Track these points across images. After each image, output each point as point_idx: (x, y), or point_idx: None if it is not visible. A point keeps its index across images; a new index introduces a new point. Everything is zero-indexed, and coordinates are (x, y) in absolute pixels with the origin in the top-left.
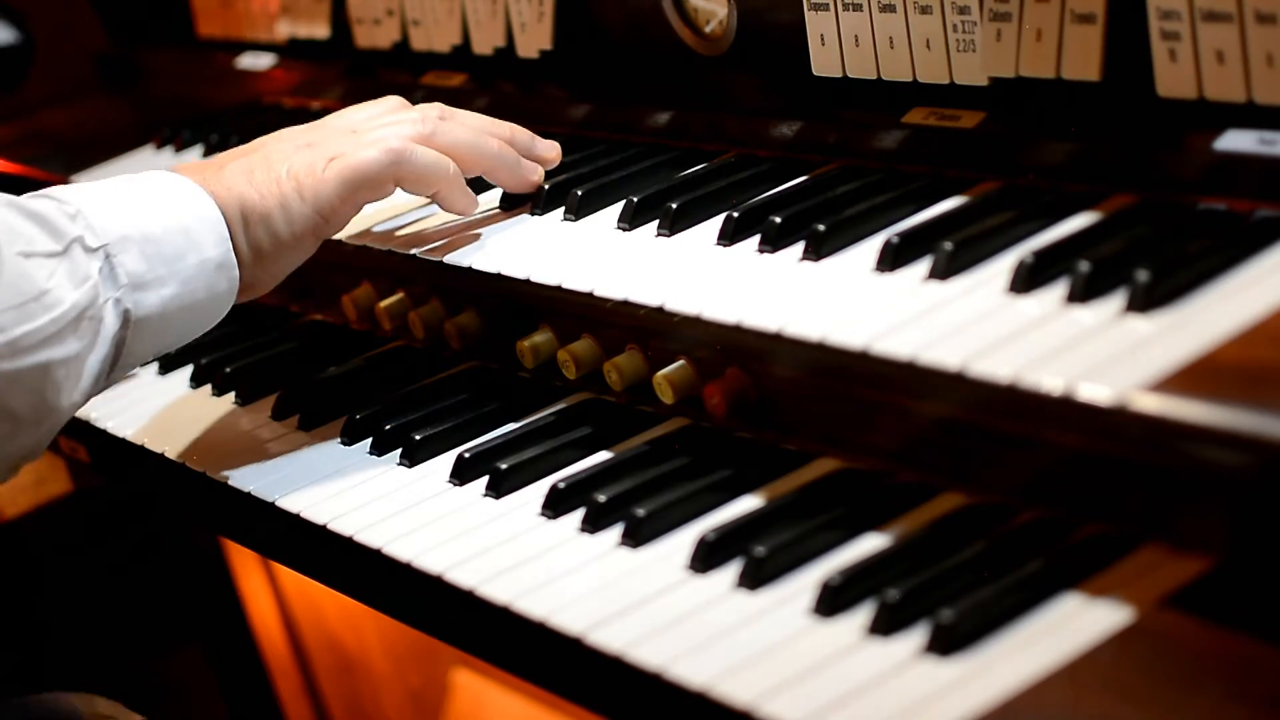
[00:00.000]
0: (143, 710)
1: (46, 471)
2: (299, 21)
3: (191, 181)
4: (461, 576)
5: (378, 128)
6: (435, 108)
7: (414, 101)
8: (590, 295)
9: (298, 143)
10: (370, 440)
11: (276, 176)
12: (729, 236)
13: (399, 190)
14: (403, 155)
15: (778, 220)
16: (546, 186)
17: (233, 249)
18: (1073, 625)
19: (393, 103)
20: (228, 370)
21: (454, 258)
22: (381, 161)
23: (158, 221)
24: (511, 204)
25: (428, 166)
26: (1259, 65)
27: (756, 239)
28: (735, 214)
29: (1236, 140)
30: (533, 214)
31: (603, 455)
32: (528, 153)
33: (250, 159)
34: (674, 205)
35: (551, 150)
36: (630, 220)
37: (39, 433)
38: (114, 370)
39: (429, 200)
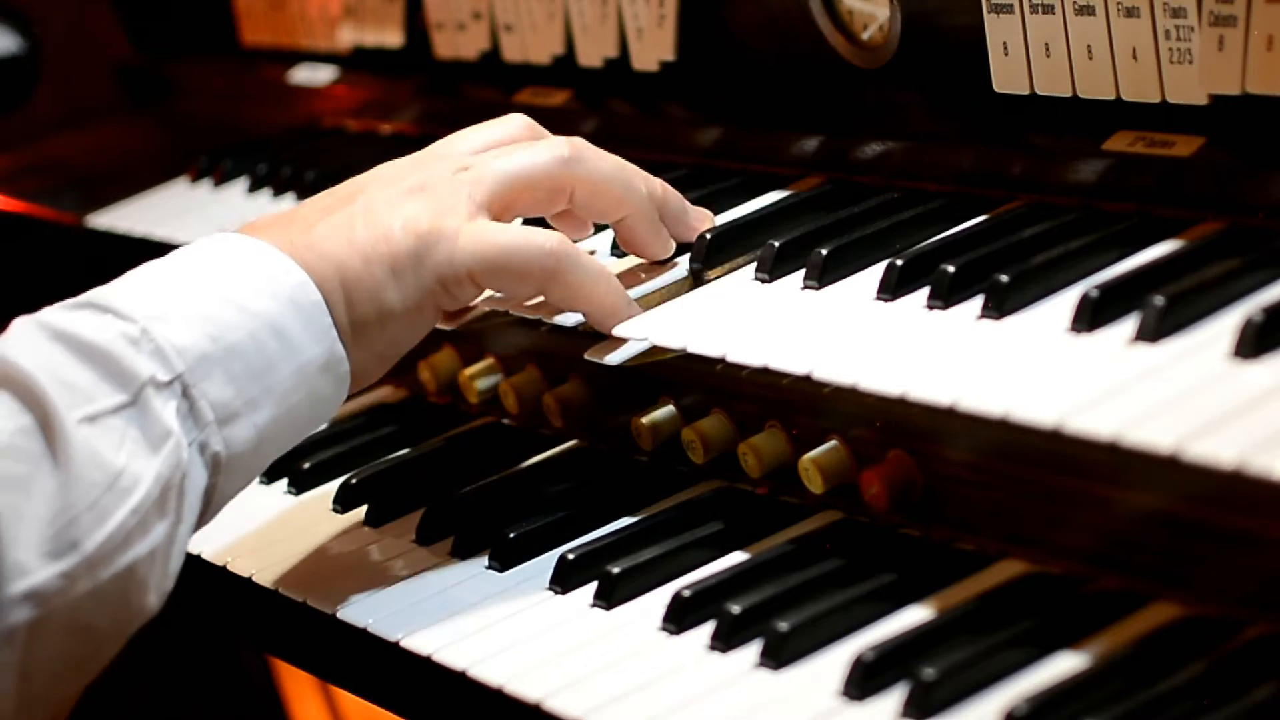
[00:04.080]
0: None
1: None
2: (365, 27)
3: (277, 251)
4: (564, 705)
5: (503, 157)
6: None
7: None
8: (721, 361)
9: (407, 185)
10: (452, 539)
11: (386, 233)
12: (891, 289)
13: None
14: (563, 261)
15: (950, 270)
16: None
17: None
18: None
19: (517, 123)
20: None
21: (555, 315)
22: (535, 261)
23: (241, 323)
24: (624, 251)
25: (582, 282)
26: None
27: (925, 292)
28: (899, 262)
29: None
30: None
31: (737, 556)
32: (678, 220)
33: (349, 211)
34: (824, 252)
35: (704, 220)
36: (770, 270)
37: (120, 643)
38: (202, 523)
39: None
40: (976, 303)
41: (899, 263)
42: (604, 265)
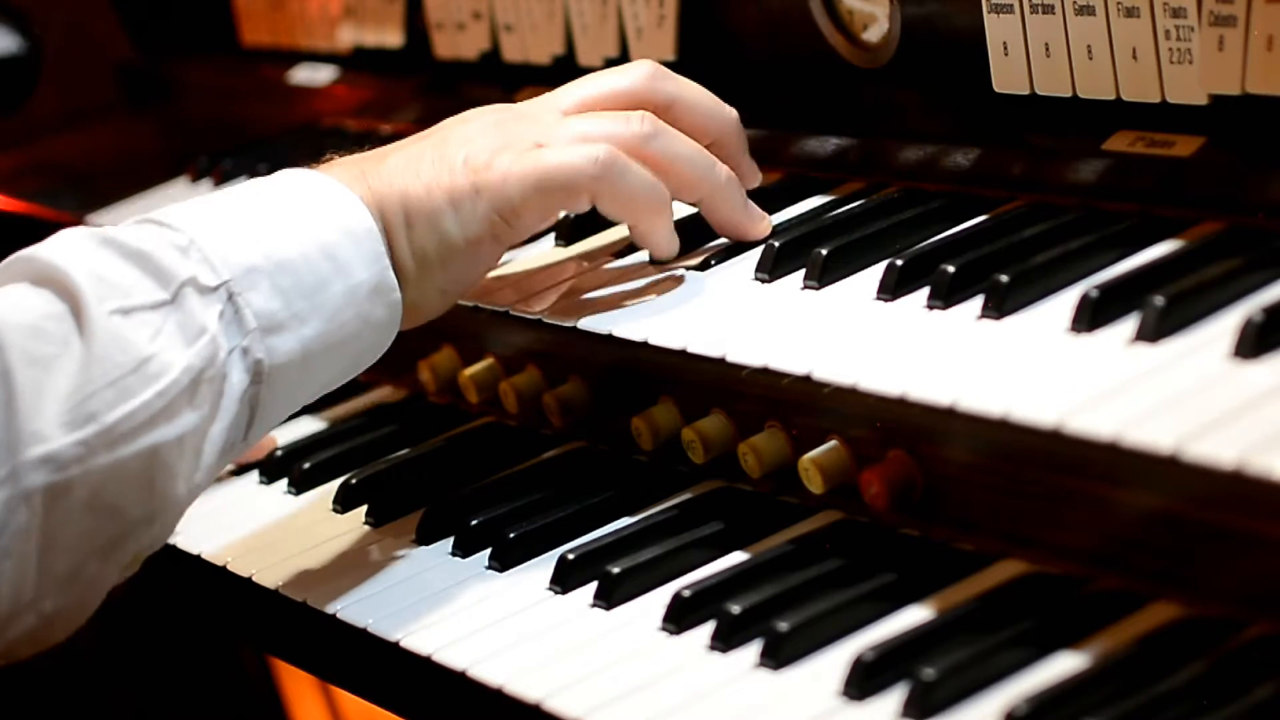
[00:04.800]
0: None
1: None
2: (365, 27)
3: (333, 181)
4: (564, 705)
5: (585, 121)
6: (660, 82)
7: None
8: (721, 361)
9: (484, 123)
10: (452, 539)
11: (450, 166)
12: (891, 289)
13: None
14: (611, 170)
15: (950, 270)
16: None
17: (392, 263)
18: None
19: (634, 76)
20: (279, 453)
21: (556, 315)
22: (584, 171)
23: (292, 243)
24: (626, 250)
25: (638, 190)
26: None
27: (925, 292)
28: (899, 262)
29: None
30: (652, 261)
31: (737, 556)
32: (740, 156)
33: (422, 144)
34: (824, 252)
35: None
36: (771, 270)
37: (154, 530)
38: (249, 434)
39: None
40: (976, 303)
41: (899, 263)
42: (662, 188)
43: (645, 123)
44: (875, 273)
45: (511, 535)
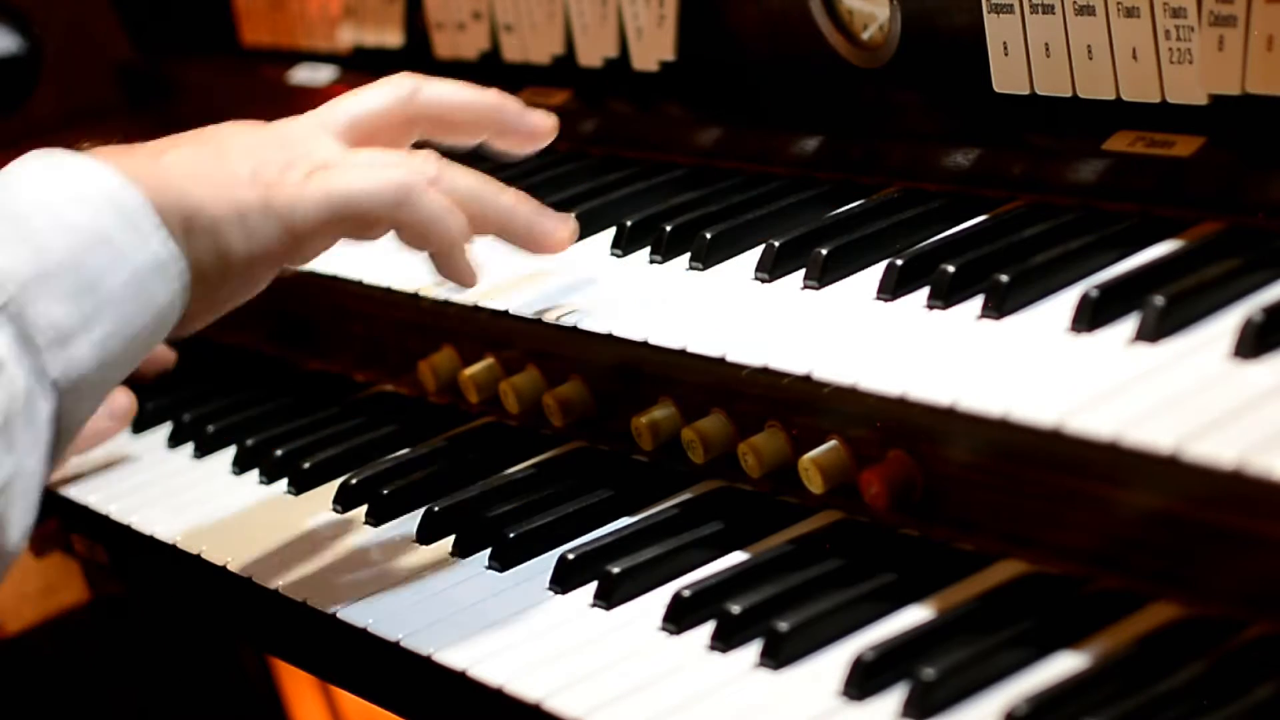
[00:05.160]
0: None
1: (56, 577)
2: (365, 27)
3: (91, 160)
4: (564, 705)
5: (374, 153)
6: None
7: None
8: (721, 361)
9: (264, 137)
10: (453, 539)
11: (235, 177)
12: (891, 289)
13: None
14: (410, 195)
15: (950, 270)
16: (668, 228)
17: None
18: None
19: (393, 92)
20: (280, 453)
21: (556, 315)
22: (383, 196)
23: (66, 235)
24: (627, 248)
25: (435, 216)
26: None
27: (925, 292)
28: (899, 262)
29: None
30: (652, 261)
31: (737, 556)
32: (519, 122)
33: (199, 149)
34: (824, 251)
35: (546, 121)
36: (771, 269)
37: None
38: (58, 453)
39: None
40: (976, 303)
41: (899, 263)
42: (461, 216)
43: (429, 162)
44: (875, 273)
45: (511, 535)
